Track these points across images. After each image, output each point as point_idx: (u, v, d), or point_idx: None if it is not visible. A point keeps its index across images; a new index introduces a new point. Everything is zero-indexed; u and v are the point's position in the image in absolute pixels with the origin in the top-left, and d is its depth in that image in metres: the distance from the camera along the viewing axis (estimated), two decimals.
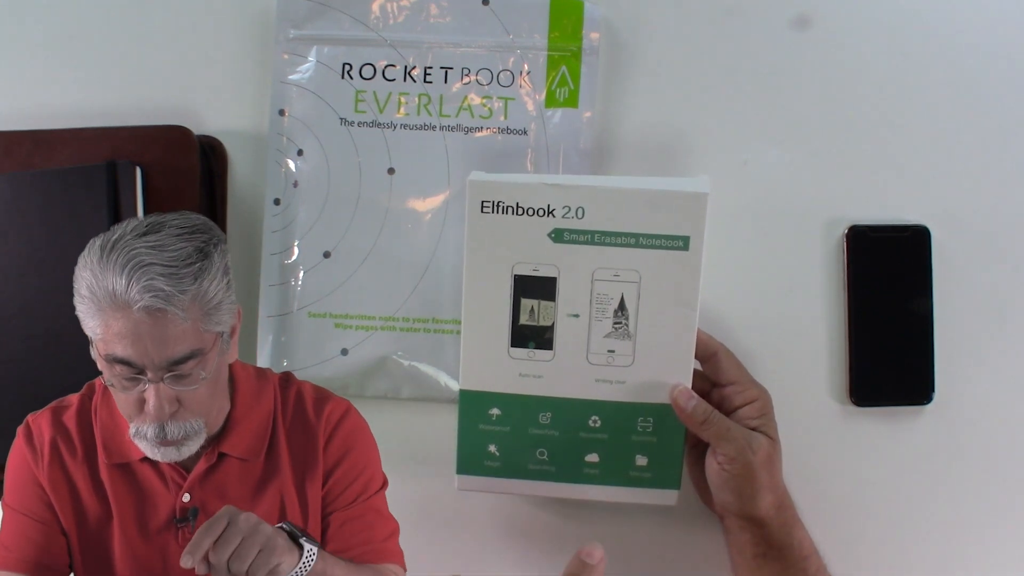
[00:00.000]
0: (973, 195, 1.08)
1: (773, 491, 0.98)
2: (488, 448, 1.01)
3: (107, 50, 1.09)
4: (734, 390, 1.00)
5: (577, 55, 1.07)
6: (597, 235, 0.96)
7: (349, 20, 1.07)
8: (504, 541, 1.10)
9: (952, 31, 1.07)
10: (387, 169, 1.08)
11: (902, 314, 1.07)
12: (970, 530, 1.08)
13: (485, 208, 0.97)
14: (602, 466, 1.00)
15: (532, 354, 0.99)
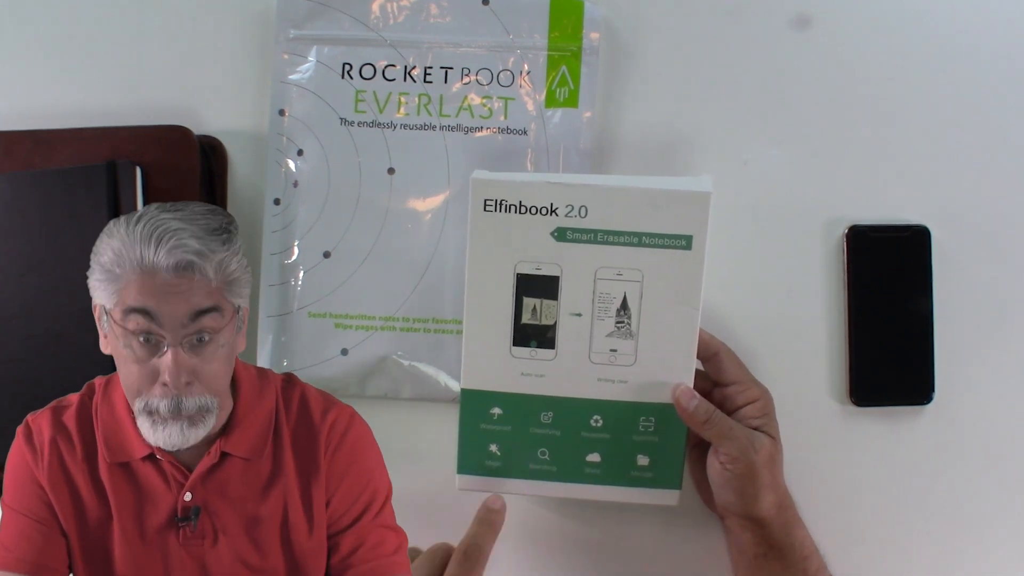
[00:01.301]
0: (973, 195, 1.08)
1: (775, 491, 0.98)
2: (489, 448, 1.01)
3: (107, 50, 1.09)
4: (736, 390, 1.00)
5: (577, 55, 1.07)
6: (600, 234, 0.96)
7: (349, 20, 1.07)
8: (504, 541, 1.10)
9: (952, 31, 1.08)
10: (387, 169, 1.08)
11: (902, 314, 1.07)
12: (970, 530, 1.08)
13: (488, 206, 0.97)
14: (604, 466, 1.00)
15: (534, 353, 0.99)
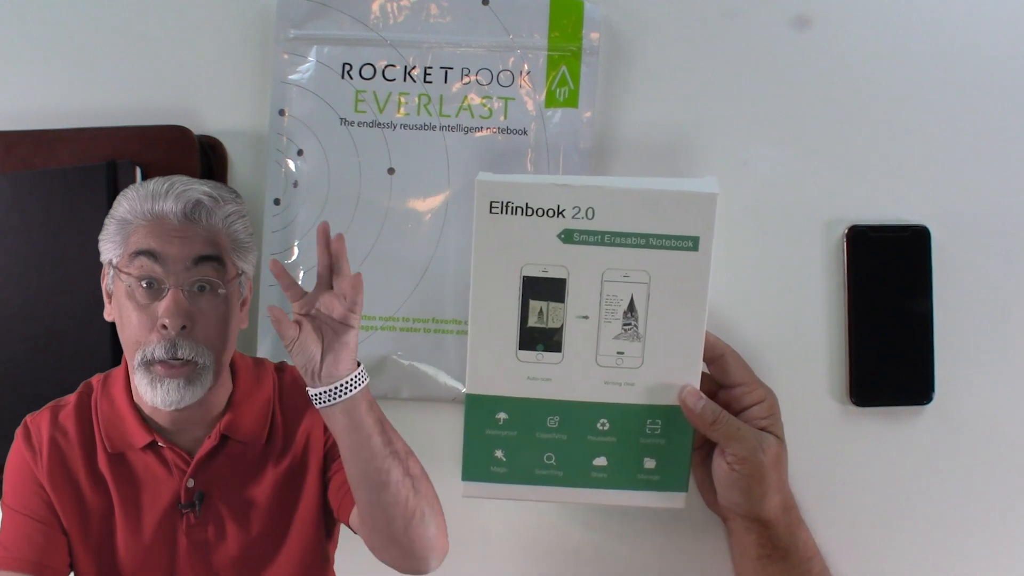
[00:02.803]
0: (973, 195, 1.08)
1: (780, 492, 0.99)
2: (495, 454, 1.00)
3: (107, 50, 1.09)
4: (742, 391, 1.00)
5: (577, 55, 1.07)
6: (607, 236, 0.95)
7: (349, 20, 1.07)
8: (509, 546, 1.10)
9: (952, 31, 1.08)
10: (387, 169, 1.08)
11: (902, 314, 1.07)
12: (970, 530, 1.09)
13: (494, 209, 0.96)
14: (610, 469, 0.99)
15: (541, 356, 0.98)
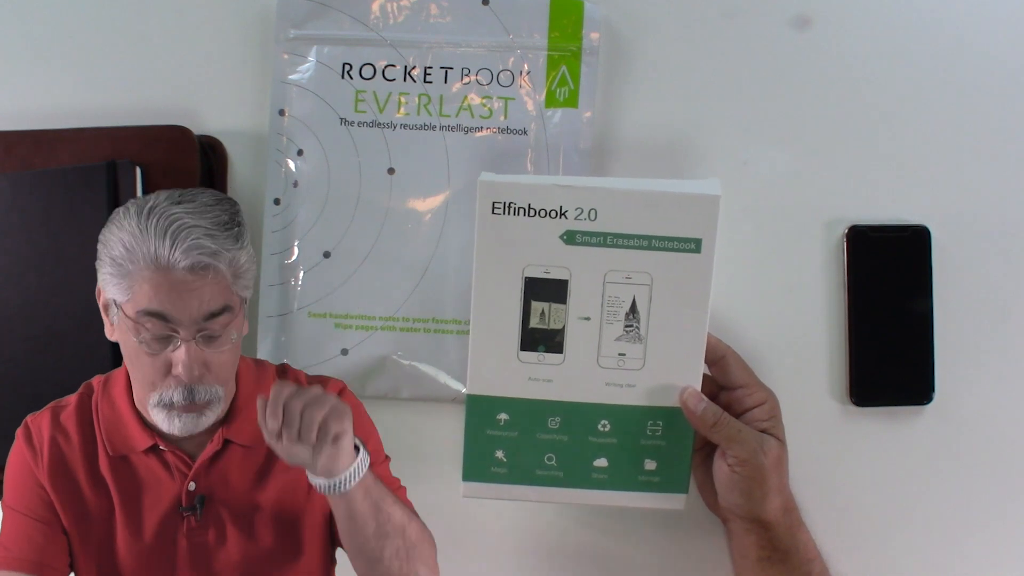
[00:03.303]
0: (973, 195, 1.08)
1: (781, 493, 0.98)
2: (495, 454, 0.99)
3: (107, 50, 1.09)
4: (743, 392, 0.99)
5: (577, 55, 1.07)
6: (609, 237, 0.95)
7: (349, 20, 1.07)
8: (509, 546, 1.10)
9: (952, 31, 1.08)
10: (387, 169, 1.08)
11: (902, 314, 1.07)
12: (970, 530, 1.09)
13: (496, 209, 0.95)
14: (611, 471, 0.99)
15: (542, 358, 0.97)
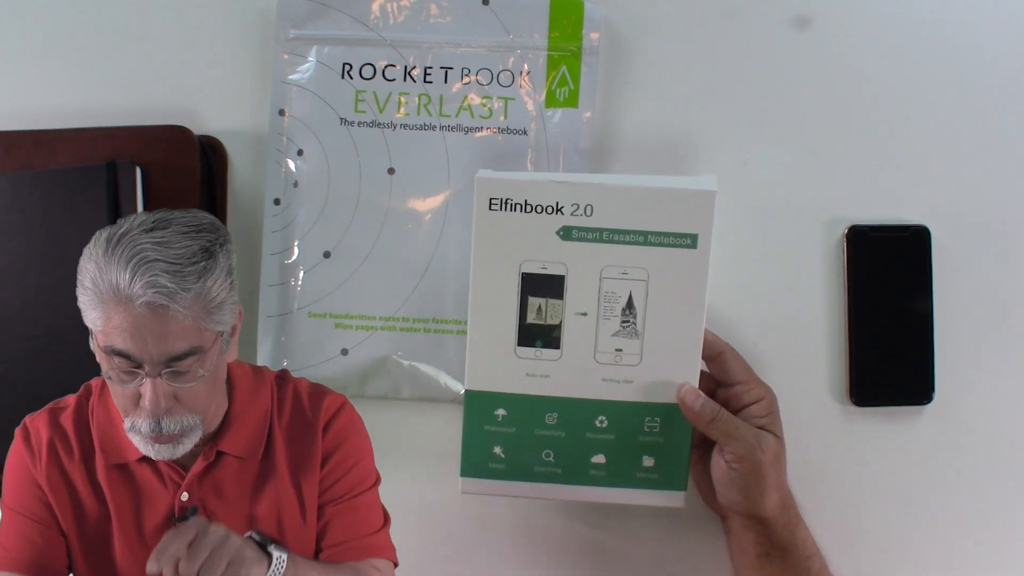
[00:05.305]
0: (973, 195, 1.08)
1: (779, 490, 0.98)
2: (493, 450, 1.00)
3: (107, 50, 1.09)
4: (741, 389, 1.00)
5: (577, 55, 1.07)
6: (606, 232, 0.95)
7: (349, 20, 1.07)
8: (507, 543, 1.10)
9: (952, 31, 1.08)
10: (387, 169, 1.08)
11: (902, 314, 1.07)
12: (970, 530, 1.08)
13: (493, 205, 0.96)
14: (609, 467, 0.99)
15: (539, 353, 0.98)
